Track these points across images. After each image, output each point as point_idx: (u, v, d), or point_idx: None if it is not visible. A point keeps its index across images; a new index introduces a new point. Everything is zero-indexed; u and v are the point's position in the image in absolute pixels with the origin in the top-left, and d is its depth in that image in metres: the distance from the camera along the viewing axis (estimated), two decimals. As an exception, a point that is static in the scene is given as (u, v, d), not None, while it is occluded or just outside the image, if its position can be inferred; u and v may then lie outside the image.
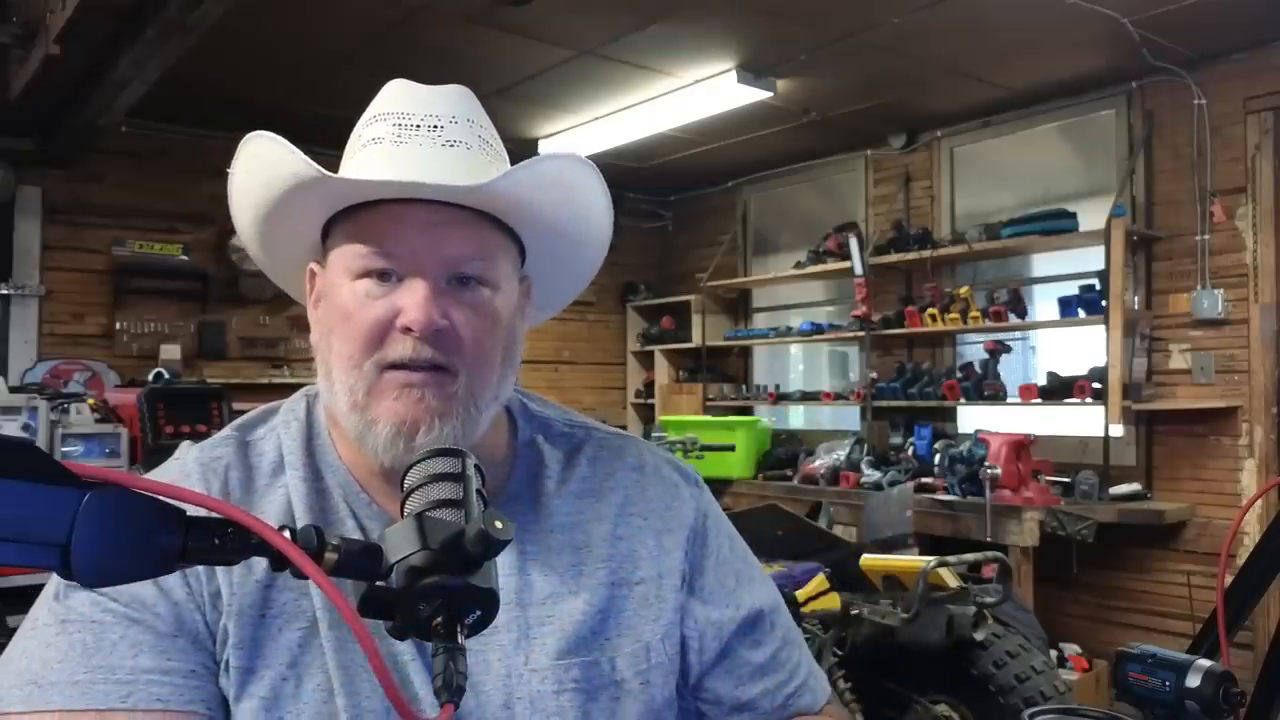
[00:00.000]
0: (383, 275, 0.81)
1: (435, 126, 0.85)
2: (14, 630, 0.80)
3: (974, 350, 5.18)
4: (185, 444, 0.92)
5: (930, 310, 5.00)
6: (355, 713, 0.79)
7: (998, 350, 4.80)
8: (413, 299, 0.79)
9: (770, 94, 4.60)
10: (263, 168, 0.84)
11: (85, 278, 5.26)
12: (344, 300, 0.82)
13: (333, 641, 0.80)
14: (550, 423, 0.99)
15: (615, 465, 0.97)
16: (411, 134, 0.85)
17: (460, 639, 0.58)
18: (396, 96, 0.89)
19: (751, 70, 4.45)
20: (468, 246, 0.82)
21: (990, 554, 3.03)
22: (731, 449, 5.30)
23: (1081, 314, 4.44)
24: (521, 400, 0.99)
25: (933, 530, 4.31)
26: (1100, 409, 4.26)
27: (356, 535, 0.84)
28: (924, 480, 4.58)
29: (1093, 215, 4.53)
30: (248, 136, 0.84)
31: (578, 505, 0.92)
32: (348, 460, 0.88)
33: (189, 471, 0.86)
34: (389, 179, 0.81)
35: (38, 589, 0.81)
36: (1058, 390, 4.51)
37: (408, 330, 0.79)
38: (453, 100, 0.90)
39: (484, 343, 0.83)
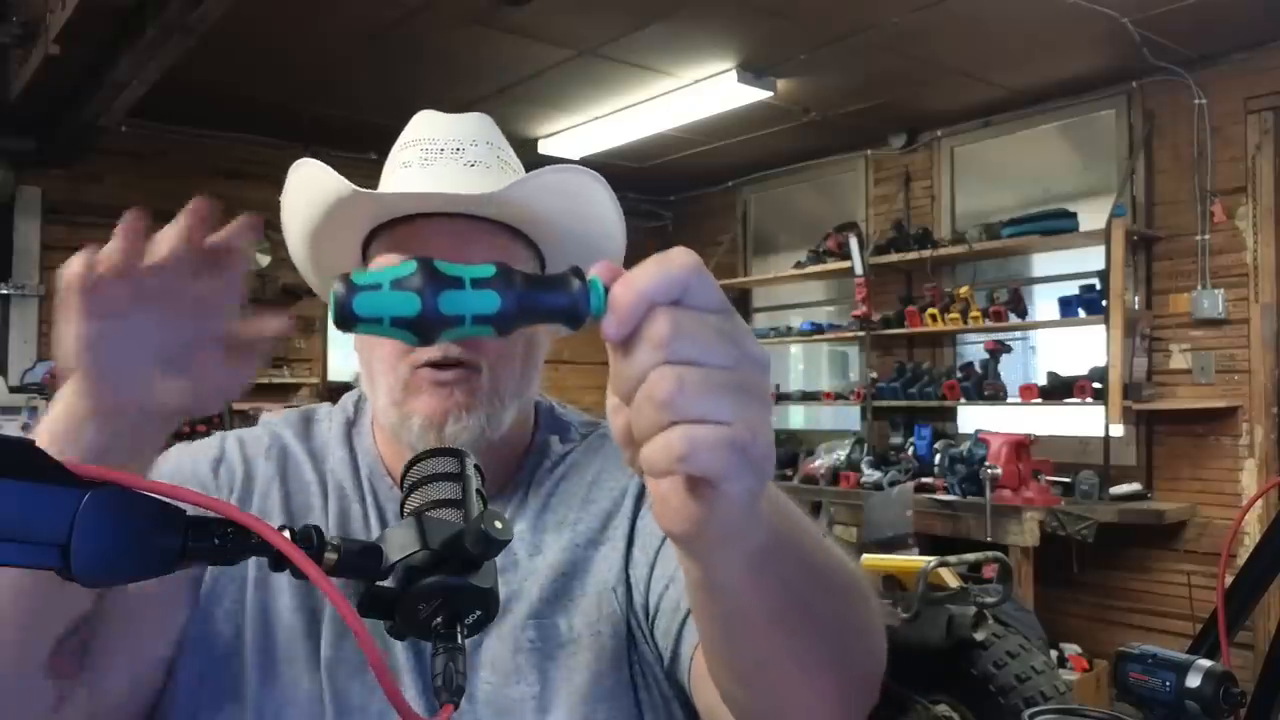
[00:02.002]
0: None
1: (458, 149, 0.95)
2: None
3: (974, 350, 5.18)
4: (264, 412, 1.04)
5: (930, 310, 5.00)
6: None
7: (998, 350, 4.80)
8: None
9: (770, 94, 4.61)
10: (306, 188, 0.93)
11: (85, 278, 5.25)
12: None
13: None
14: (569, 426, 1.06)
15: (604, 446, 1.02)
16: (436, 156, 0.94)
17: (460, 639, 0.58)
18: (423, 125, 0.98)
19: (751, 70, 4.45)
20: (489, 254, 0.87)
21: (990, 554, 3.04)
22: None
23: (1081, 314, 4.44)
24: (550, 406, 1.07)
25: (933, 530, 4.31)
26: (1100, 409, 4.26)
27: (372, 511, 0.93)
28: (924, 480, 4.58)
29: (1093, 215, 4.53)
30: (296, 163, 0.94)
31: (561, 486, 0.98)
32: (381, 447, 0.98)
33: (258, 433, 1.00)
34: (411, 191, 0.91)
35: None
36: (1058, 390, 4.51)
37: None
38: (474, 126, 0.98)
39: (503, 341, 0.90)
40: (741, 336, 0.46)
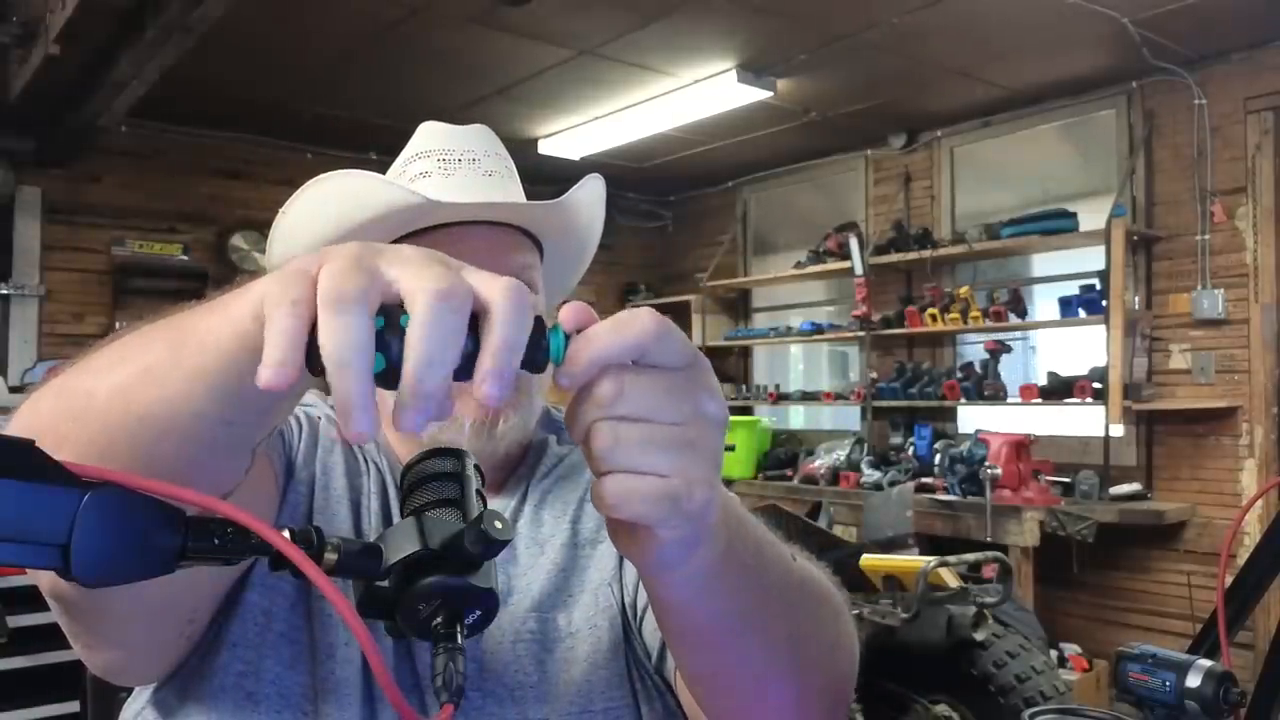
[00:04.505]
0: None
1: (474, 160, 0.99)
2: (14, 630, 0.81)
3: (974, 350, 5.18)
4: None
5: (930, 310, 5.00)
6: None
7: (998, 350, 4.80)
8: None
9: (770, 94, 4.61)
10: (354, 197, 0.90)
11: (85, 278, 5.25)
12: None
13: None
14: (564, 426, 1.06)
15: None
16: (456, 167, 0.98)
17: (460, 639, 0.58)
18: (432, 136, 1.02)
19: (751, 70, 4.45)
20: (520, 257, 0.96)
21: (990, 554, 3.04)
22: (731, 449, 5.30)
23: (1081, 314, 4.44)
24: (546, 408, 1.09)
25: (933, 530, 4.31)
26: (1100, 409, 4.26)
27: (374, 481, 0.94)
28: (924, 480, 4.58)
29: (1093, 215, 4.53)
30: (337, 173, 0.91)
31: (559, 485, 1.00)
32: (388, 433, 1.00)
33: (311, 400, 1.01)
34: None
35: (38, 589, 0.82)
36: (1058, 390, 4.51)
37: None
38: (480, 137, 1.03)
39: None
40: (698, 393, 0.49)
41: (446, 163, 0.98)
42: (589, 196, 1.00)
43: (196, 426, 0.56)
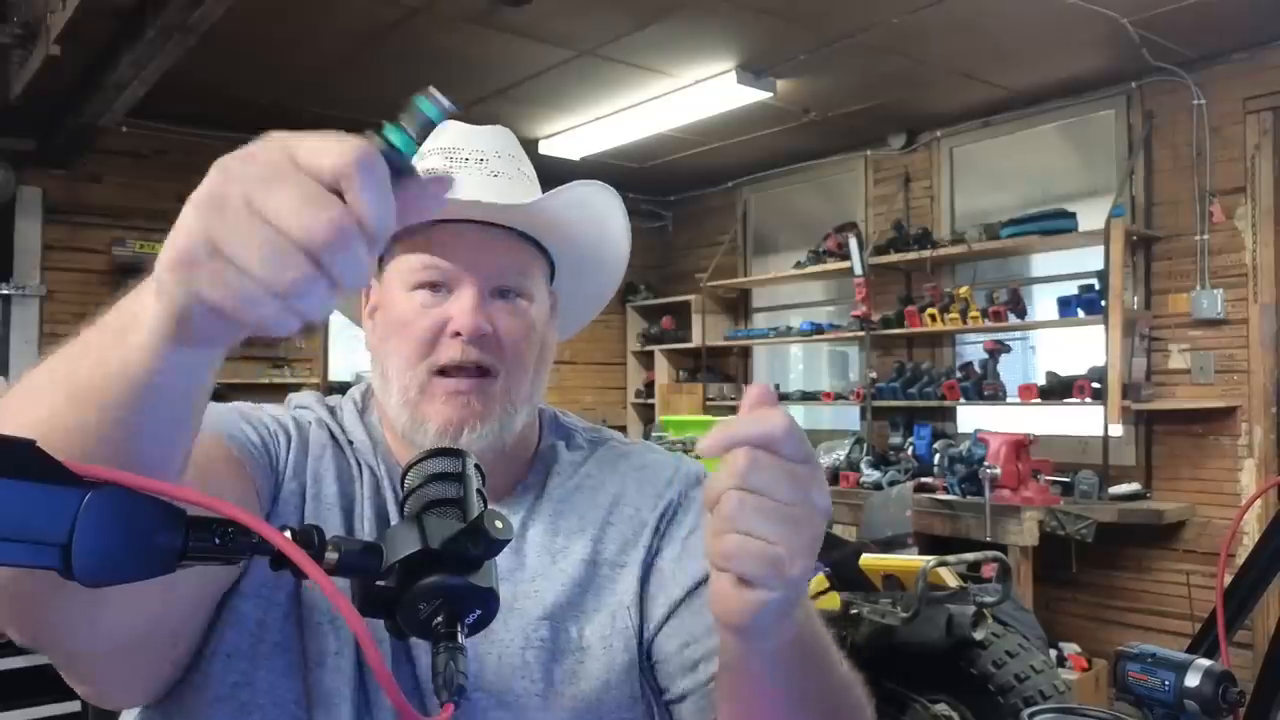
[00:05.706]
0: (434, 287, 0.92)
1: (482, 159, 0.99)
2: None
3: (974, 350, 5.18)
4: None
5: (930, 310, 5.00)
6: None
7: (997, 350, 4.80)
8: (461, 307, 0.90)
9: (770, 94, 4.61)
10: None
11: (85, 278, 5.25)
12: (401, 309, 0.92)
13: None
14: (573, 432, 1.07)
15: (620, 464, 1.03)
16: (461, 165, 0.98)
17: (460, 639, 0.59)
18: (446, 134, 1.01)
19: (751, 70, 4.46)
20: (509, 261, 0.94)
21: (990, 554, 3.03)
22: (731, 449, 5.24)
23: (1081, 314, 4.44)
24: (554, 413, 1.09)
25: (933, 530, 4.31)
26: (1100, 409, 4.26)
27: (368, 486, 0.93)
28: (924, 480, 4.58)
29: (1092, 215, 4.53)
30: None
31: (577, 496, 0.99)
32: (390, 440, 0.99)
33: (304, 400, 1.02)
34: (458, 197, 0.92)
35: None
36: (1057, 390, 4.51)
37: (457, 334, 0.89)
38: (495, 137, 1.04)
39: (521, 346, 0.94)
40: (811, 485, 0.59)
41: (453, 160, 0.98)
42: (576, 200, 0.96)
43: (69, 441, 0.52)
